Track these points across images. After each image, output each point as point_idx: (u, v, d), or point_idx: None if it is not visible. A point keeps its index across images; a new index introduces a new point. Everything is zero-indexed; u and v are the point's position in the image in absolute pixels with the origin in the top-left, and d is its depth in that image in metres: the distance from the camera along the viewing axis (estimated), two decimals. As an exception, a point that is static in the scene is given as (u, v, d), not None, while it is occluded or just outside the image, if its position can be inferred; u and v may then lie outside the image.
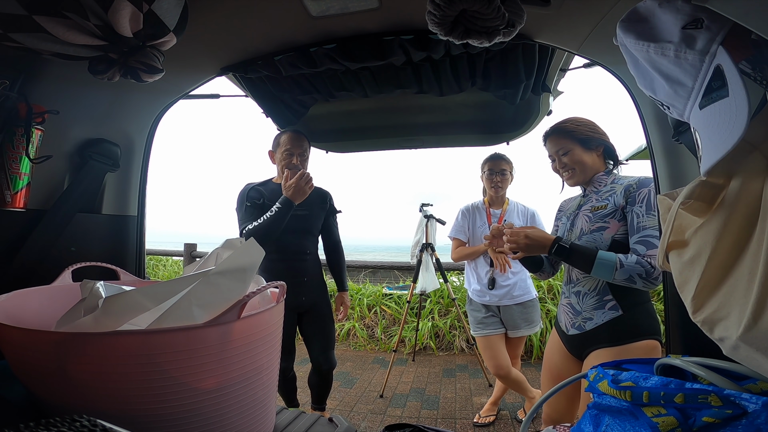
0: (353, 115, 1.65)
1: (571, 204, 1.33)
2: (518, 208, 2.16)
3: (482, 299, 2.07)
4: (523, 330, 2.04)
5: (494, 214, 2.14)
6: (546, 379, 1.30)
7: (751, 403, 0.40)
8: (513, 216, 2.13)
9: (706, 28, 0.46)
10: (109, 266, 0.88)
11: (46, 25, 0.62)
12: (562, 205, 1.39)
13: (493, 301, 2.04)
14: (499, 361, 1.99)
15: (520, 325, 2.04)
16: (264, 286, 0.59)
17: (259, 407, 0.61)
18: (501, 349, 2.01)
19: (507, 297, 2.02)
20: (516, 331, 2.04)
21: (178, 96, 1.20)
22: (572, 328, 1.20)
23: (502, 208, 2.14)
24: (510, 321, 2.04)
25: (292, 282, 0.94)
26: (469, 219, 2.17)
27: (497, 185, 2.09)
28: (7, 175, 0.90)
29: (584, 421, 0.54)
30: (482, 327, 2.05)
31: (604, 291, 1.14)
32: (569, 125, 1.25)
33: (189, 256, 4.67)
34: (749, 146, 0.48)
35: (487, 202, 2.18)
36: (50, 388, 0.51)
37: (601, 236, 1.14)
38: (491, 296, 2.04)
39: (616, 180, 1.20)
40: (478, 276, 2.11)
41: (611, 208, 1.14)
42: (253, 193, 1.75)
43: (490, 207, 2.16)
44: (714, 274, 0.49)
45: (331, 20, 0.90)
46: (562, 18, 0.86)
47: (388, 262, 5.16)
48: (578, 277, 1.20)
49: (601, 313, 1.13)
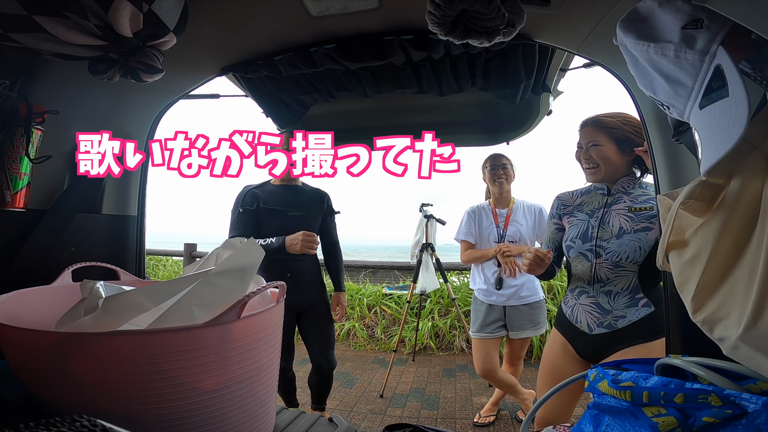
0: (353, 115, 1.65)
1: (584, 200, 1.30)
2: (524, 206, 2.12)
3: (488, 299, 2.04)
4: (527, 331, 2.02)
5: (500, 214, 2.10)
6: (545, 382, 1.28)
7: (751, 403, 0.40)
8: (519, 215, 2.09)
9: (706, 28, 0.46)
10: (109, 266, 0.88)
11: (46, 25, 0.62)
12: (566, 200, 1.35)
13: (500, 301, 2.01)
14: (486, 365, 1.97)
15: (525, 326, 2.01)
16: (264, 286, 0.59)
17: (259, 407, 0.61)
18: (493, 353, 1.99)
19: (514, 297, 1.99)
20: (520, 332, 2.01)
21: (178, 96, 1.20)
22: (599, 327, 1.18)
23: (508, 208, 2.10)
24: (515, 322, 2.01)
25: (290, 282, 0.94)
26: (476, 220, 2.13)
27: (501, 180, 2.05)
28: (7, 175, 0.90)
29: (584, 421, 0.54)
30: (482, 329, 2.02)
31: (636, 289, 1.15)
32: (613, 121, 1.22)
33: (189, 256, 4.67)
34: (749, 146, 0.48)
35: (493, 203, 2.14)
36: (50, 388, 0.51)
37: (646, 236, 1.14)
38: (498, 296, 2.01)
39: (645, 186, 1.21)
40: (485, 276, 2.08)
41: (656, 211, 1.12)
42: (248, 199, 1.76)
43: (496, 207, 2.12)
44: (714, 274, 0.49)
45: (331, 20, 0.90)
46: (562, 18, 0.86)
47: (388, 262, 5.15)
48: (608, 276, 1.18)
49: (635, 310, 1.14)
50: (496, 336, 2.01)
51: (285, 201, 1.80)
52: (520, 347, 2.12)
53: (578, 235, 1.26)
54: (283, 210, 1.78)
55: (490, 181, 2.10)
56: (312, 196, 1.88)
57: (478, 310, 2.07)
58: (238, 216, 1.75)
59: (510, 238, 2.05)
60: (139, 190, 1.24)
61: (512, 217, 2.09)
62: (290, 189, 1.84)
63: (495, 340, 2.02)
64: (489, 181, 2.12)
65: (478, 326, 2.04)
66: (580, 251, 1.24)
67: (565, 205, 1.35)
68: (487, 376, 2.02)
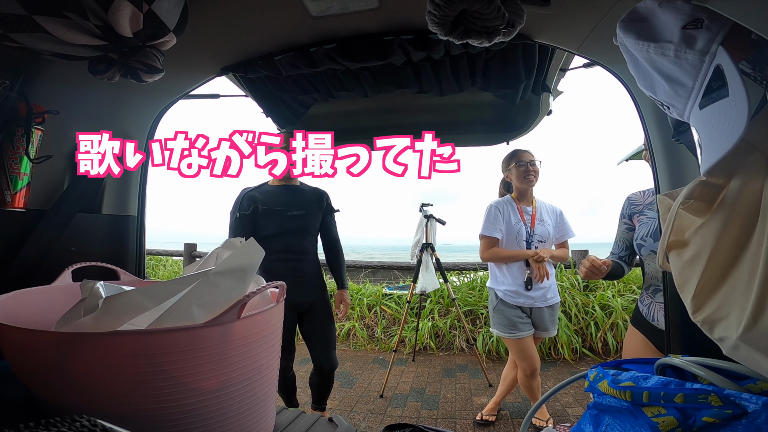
0: (353, 115, 1.65)
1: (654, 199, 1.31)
2: (545, 206, 2.08)
3: (516, 301, 1.94)
4: (550, 331, 1.99)
5: (526, 212, 2.02)
6: None
7: (751, 403, 0.40)
8: (543, 214, 2.05)
9: (706, 28, 0.46)
10: (109, 266, 0.88)
11: (46, 25, 0.62)
12: (636, 200, 1.37)
13: (528, 303, 1.94)
14: (533, 362, 1.92)
15: (548, 327, 1.98)
16: (264, 286, 0.59)
17: (259, 407, 0.61)
18: (534, 349, 1.97)
19: (541, 299, 1.95)
20: (545, 332, 1.98)
21: (178, 96, 1.20)
22: None
23: (532, 206, 2.04)
24: (540, 323, 1.98)
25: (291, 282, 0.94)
26: (503, 216, 2.02)
27: (530, 177, 1.98)
28: (7, 175, 0.90)
29: (584, 421, 0.54)
30: (516, 330, 1.93)
31: None
32: None
33: (189, 256, 4.67)
34: (749, 146, 0.48)
35: (516, 200, 2.05)
36: (50, 388, 0.51)
37: None
38: (527, 298, 1.93)
39: None
40: (512, 277, 1.97)
41: None
42: (245, 202, 1.77)
43: (521, 204, 2.05)
44: (714, 274, 0.49)
45: (331, 20, 0.90)
46: (562, 18, 0.86)
47: (388, 262, 5.15)
48: None
49: None
50: (530, 333, 1.97)
51: (284, 201, 1.80)
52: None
53: (649, 233, 1.28)
54: (283, 210, 1.78)
55: (518, 178, 2.00)
56: (311, 196, 1.88)
57: (505, 312, 1.95)
58: (235, 220, 1.77)
59: (539, 237, 2.00)
60: (139, 190, 1.24)
61: (538, 216, 2.03)
62: (289, 189, 1.84)
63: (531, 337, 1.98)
64: (517, 178, 2.00)
65: (510, 328, 1.94)
66: (652, 249, 1.25)
67: (635, 205, 1.37)
68: (533, 374, 1.95)
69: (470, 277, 4.16)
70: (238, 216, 1.76)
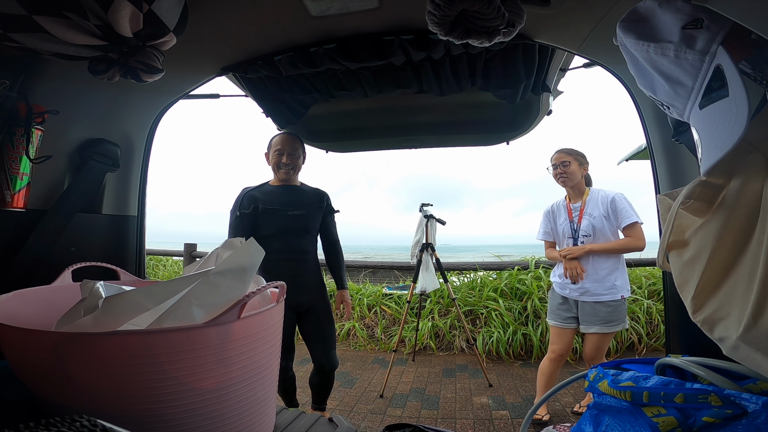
0: (353, 115, 1.65)
1: None
2: (600, 195, 2.07)
3: (563, 291, 2.08)
4: (595, 327, 1.96)
5: (574, 209, 2.09)
6: None
7: (751, 403, 0.40)
8: (592, 206, 2.06)
9: (706, 28, 0.46)
10: (109, 266, 0.88)
11: (46, 25, 0.62)
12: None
13: (573, 295, 2.03)
14: (556, 346, 2.05)
15: (593, 323, 1.97)
16: (264, 286, 0.59)
17: (259, 407, 0.61)
18: (567, 339, 2.04)
19: (587, 294, 1.99)
20: (588, 326, 1.98)
21: (178, 96, 1.20)
22: None
23: (581, 200, 2.08)
24: (583, 317, 2.00)
25: (291, 282, 0.95)
26: (551, 219, 2.17)
27: (563, 178, 2.04)
28: (7, 175, 0.90)
29: (584, 421, 0.54)
30: (555, 317, 2.09)
31: None
32: None
33: (189, 256, 4.67)
34: (749, 146, 0.48)
35: (567, 198, 2.14)
36: (50, 388, 0.51)
37: None
38: (571, 290, 2.03)
39: None
40: (562, 268, 2.10)
41: None
42: (245, 202, 1.77)
43: (570, 201, 2.12)
44: (714, 274, 0.49)
45: (331, 20, 0.90)
46: (562, 18, 0.86)
47: (388, 262, 5.14)
48: None
49: None
50: (567, 326, 2.04)
51: (284, 201, 1.80)
52: (591, 345, 2.01)
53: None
54: (283, 209, 1.78)
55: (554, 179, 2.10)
56: (311, 196, 1.88)
57: (552, 299, 2.15)
58: (235, 219, 1.77)
59: (584, 232, 2.03)
60: (139, 190, 1.24)
61: (585, 210, 2.06)
62: (289, 189, 1.84)
63: (566, 330, 2.05)
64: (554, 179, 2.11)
65: (551, 313, 2.13)
66: None
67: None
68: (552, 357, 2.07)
69: (470, 277, 4.16)
70: (239, 215, 1.76)
